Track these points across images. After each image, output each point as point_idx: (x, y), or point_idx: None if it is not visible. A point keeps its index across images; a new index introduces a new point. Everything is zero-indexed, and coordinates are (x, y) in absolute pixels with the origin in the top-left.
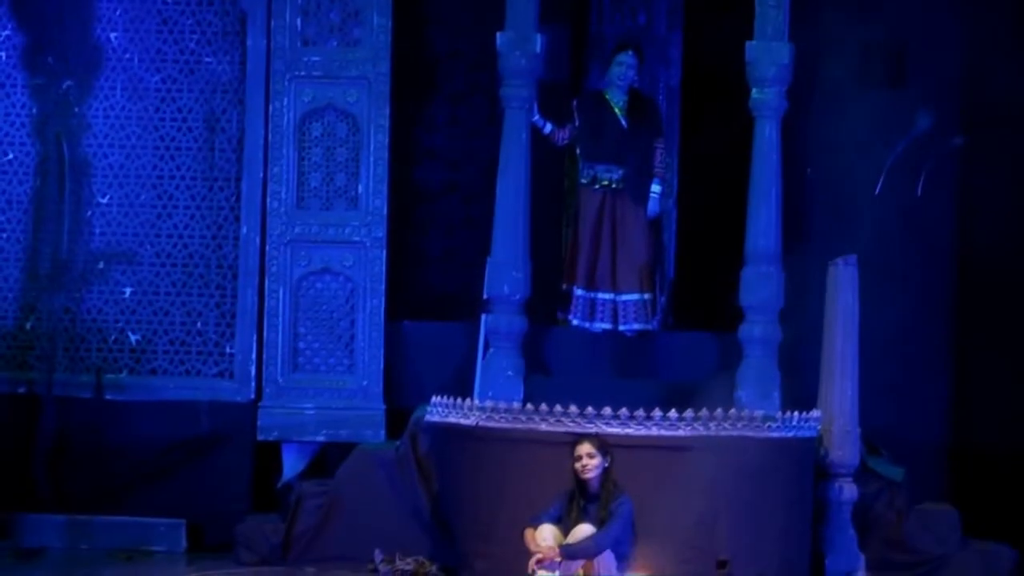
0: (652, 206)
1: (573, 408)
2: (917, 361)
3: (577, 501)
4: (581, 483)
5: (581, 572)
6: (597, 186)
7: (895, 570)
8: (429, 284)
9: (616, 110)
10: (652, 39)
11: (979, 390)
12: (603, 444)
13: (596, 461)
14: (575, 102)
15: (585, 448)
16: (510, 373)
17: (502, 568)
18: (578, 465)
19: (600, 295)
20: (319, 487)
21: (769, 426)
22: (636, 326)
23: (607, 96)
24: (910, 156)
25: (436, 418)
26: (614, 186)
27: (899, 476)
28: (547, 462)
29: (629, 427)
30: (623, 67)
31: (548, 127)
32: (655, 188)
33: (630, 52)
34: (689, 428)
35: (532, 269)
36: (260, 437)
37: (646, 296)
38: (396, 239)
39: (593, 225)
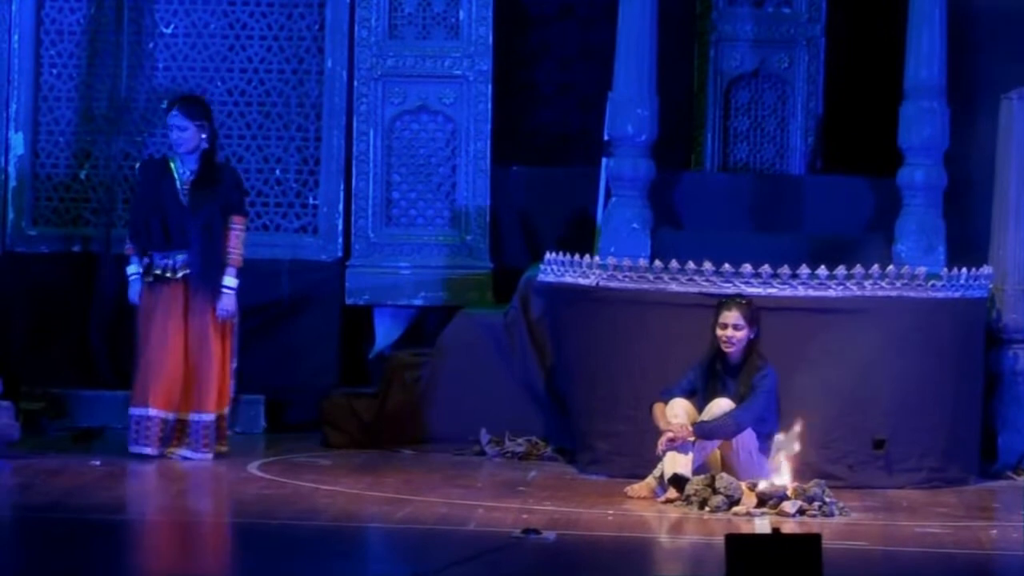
0: (224, 304)
1: (708, 265)
2: None
3: (715, 372)
4: (721, 352)
5: (718, 453)
6: (152, 278)
7: None
8: (541, 124)
9: (178, 182)
10: None
11: None
12: (754, 313)
13: (743, 334)
14: (138, 167)
15: (732, 316)
16: (635, 226)
17: (626, 449)
18: (722, 334)
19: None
20: (417, 358)
21: (933, 285)
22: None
23: (172, 164)
24: None
25: (551, 278)
26: (174, 276)
27: None
28: (678, 327)
29: (772, 287)
30: (172, 130)
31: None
32: (228, 281)
33: (174, 111)
34: (841, 288)
35: (660, 106)
36: (349, 301)
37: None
38: (503, 73)
39: (160, 327)
